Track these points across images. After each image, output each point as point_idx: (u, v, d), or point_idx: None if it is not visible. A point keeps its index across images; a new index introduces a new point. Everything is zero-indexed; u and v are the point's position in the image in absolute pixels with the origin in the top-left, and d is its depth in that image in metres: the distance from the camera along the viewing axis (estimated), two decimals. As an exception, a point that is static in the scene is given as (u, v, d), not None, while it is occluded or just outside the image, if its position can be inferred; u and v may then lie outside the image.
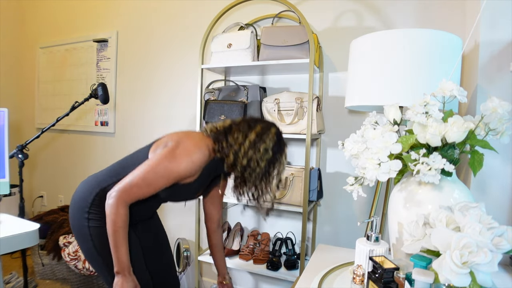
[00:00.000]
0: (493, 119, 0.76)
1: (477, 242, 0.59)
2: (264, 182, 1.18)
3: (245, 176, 1.16)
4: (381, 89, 1.10)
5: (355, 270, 0.82)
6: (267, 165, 1.16)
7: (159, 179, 1.05)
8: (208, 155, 1.13)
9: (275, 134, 1.19)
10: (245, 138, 1.15)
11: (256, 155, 1.14)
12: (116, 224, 1.02)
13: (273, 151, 1.17)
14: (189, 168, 1.09)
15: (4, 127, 1.36)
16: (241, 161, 1.14)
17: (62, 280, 2.31)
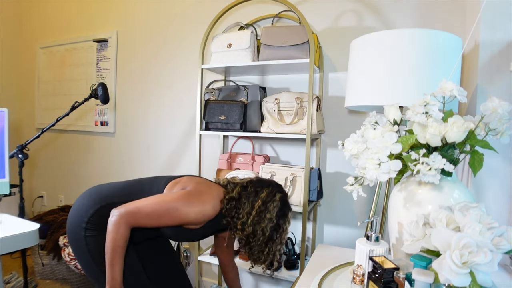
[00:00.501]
0: (493, 119, 0.76)
1: (477, 242, 0.59)
2: (268, 247, 1.22)
3: (249, 241, 1.22)
4: (381, 89, 1.10)
5: (355, 270, 0.82)
6: (271, 233, 1.20)
7: (166, 216, 1.08)
8: (217, 211, 1.19)
9: (279, 200, 1.23)
10: (252, 208, 1.20)
11: (262, 224, 1.19)
12: (116, 243, 1.04)
13: (277, 218, 1.21)
14: (198, 218, 1.13)
15: (4, 127, 1.36)
16: (247, 229, 1.19)
17: (62, 280, 2.31)
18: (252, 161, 1.89)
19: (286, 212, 1.24)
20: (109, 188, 1.23)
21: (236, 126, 1.77)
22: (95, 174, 2.72)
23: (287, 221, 1.25)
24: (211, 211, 1.16)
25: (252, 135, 1.79)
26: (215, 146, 2.17)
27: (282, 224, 1.22)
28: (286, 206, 1.25)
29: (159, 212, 1.07)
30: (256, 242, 1.20)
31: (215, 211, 1.18)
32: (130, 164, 2.55)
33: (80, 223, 1.16)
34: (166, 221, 1.09)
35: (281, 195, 1.25)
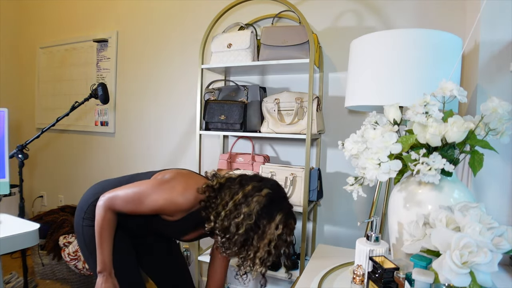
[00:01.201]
0: (493, 119, 0.76)
1: (477, 242, 0.59)
2: (245, 250, 1.06)
3: (225, 240, 1.07)
4: (381, 89, 1.10)
5: (355, 270, 0.82)
6: (247, 232, 1.02)
7: (138, 202, 1.09)
8: (192, 203, 1.10)
9: (265, 196, 1.04)
10: (231, 199, 1.06)
11: (236, 219, 1.03)
12: (99, 225, 1.09)
13: (257, 216, 1.02)
14: (168, 206, 1.08)
15: (4, 127, 1.36)
16: (221, 223, 1.05)
17: (62, 280, 2.31)
18: (252, 161, 1.89)
19: (273, 213, 1.03)
20: (110, 182, 1.26)
21: (236, 126, 1.77)
22: (95, 174, 2.72)
23: (273, 225, 1.02)
24: (182, 200, 1.08)
25: (252, 135, 1.79)
26: (215, 146, 2.17)
27: (264, 226, 1.02)
28: (275, 207, 1.05)
29: (132, 197, 1.08)
30: (231, 240, 1.05)
31: (188, 201, 1.08)
32: (130, 164, 2.55)
33: (80, 213, 1.21)
34: (141, 207, 1.08)
35: (269, 192, 1.06)
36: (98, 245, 1.10)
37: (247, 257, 1.05)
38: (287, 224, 1.05)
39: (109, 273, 1.11)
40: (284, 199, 1.11)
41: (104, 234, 1.10)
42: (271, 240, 1.02)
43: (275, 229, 1.02)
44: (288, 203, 1.12)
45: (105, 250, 1.11)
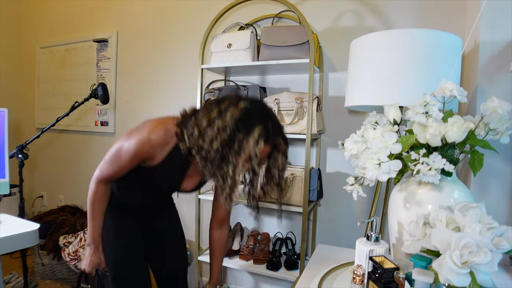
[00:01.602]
0: (493, 119, 0.76)
1: (477, 242, 0.59)
2: (224, 168, 0.97)
3: (203, 162, 0.99)
4: (381, 89, 1.10)
5: (355, 270, 0.82)
6: (222, 148, 0.95)
7: (118, 159, 1.04)
8: (166, 137, 1.03)
9: (242, 109, 0.95)
10: (205, 116, 0.98)
11: (211, 133, 0.95)
12: (90, 199, 1.11)
13: (233, 129, 0.94)
14: (141, 148, 1.01)
15: (4, 127, 1.36)
16: (196, 142, 0.98)
17: (62, 280, 2.31)
18: (252, 161, 1.89)
19: (251, 126, 0.94)
20: None
21: (236, 126, 1.77)
22: (95, 174, 2.72)
23: (251, 140, 0.93)
24: (154, 137, 1.01)
25: (252, 135, 1.79)
26: (215, 146, 2.17)
27: (240, 141, 0.93)
28: (254, 120, 0.95)
29: (112, 157, 1.06)
30: (208, 159, 0.97)
31: (160, 136, 1.02)
32: (130, 164, 2.54)
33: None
34: (122, 162, 1.04)
35: (246, 105, 0.96)
36: (89, 218, 1.12)
37: (226, 175, 0.96)
38: (271, 140, 0.98)
39: (96, 246, 1.14)
40: (267, 115, 1.00)
41: (95, 207, 1.12)
42: (250, 156, 0.94)
43: (255, 144, 0.93)
44: (275, 120, 1.02)
45: (95, 223, 1.13)
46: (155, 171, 1.08)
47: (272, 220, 2.03)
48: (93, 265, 1.14)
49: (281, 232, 1.95)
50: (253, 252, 1.89)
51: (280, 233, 1.95)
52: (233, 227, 2.05)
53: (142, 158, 1.04)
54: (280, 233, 1.95)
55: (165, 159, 1.06)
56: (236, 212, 2.13)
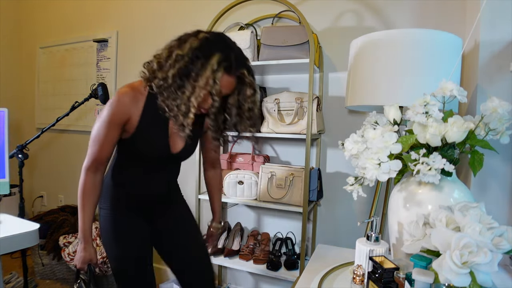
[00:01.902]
0: (493, 119, 0.76)
1: (477, 242, 0.59)
2: (180, 98, 0.97)
3: (160, 95, 1.00)
4: (381, 89, 1.10)
5: (355, 270, 0.82)
6: (179, 76, 0.95)
7: (98, 137, 1.05)
8: (136, 93, 1.04)
9: (201, 39, 0.96)
10: (165, 49, 1.00)
11: (169, 61, 0.96)
12: (80, 190, 1.08)
13: (190, 59, 0.94)
14: (113, 110, 1.02)
15: (4, 127, 1.36)
16: (156, 75, 0.99)
17: (62, 280, 2.31)
18: (252, 161, 1.89)
19: (210, 53, 0.94)
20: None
21: (236, 126, 1.77)
22: (95, 174, 2.72)
23: (209, 67, 0.93)
24: (120, 95, 1.02)
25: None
26: (215, 146, 2.17)
27: (199, 69, 0.93)
28: (213, 47, 0.95)
29: (93, 138, 1.07)
30: (165, 88, 0.98)
31: (126, 93, 1.02)
32: (130, 164, 2.55)
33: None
34: (102, 138, 1.05)
35: (206, 35, 0.97)
36: (79, 211, 1.09)
37: (181, 103, 0.96)
38: (234, 70, 0.98)
39: (85, 241, 1.10)
40: (228, 46, 1.00)
41: (84, 199, 1.08)
42: (208, 82, 0.94)
43: (212, 71, 0.93)
44: (239, 52, 1.03)
45: (86, 217, 1.09)
46: (138, 135, 1.07)
47: (272, 220, 2.03)
48: (84, 261, 1.10)
49: (281, 232, 1.96)
50: (253, 252, 1.89)
51: (280, 233, 1.95)
52: (233, 227, 2.05)
53: (118, 122, 1.04)
54: (280, 233, 1.95)
55: (141, 117, 1.05)
56: (236, 212, 2.13)
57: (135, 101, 1.04)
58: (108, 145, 1.07)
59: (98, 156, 1.08)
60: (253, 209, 2.07)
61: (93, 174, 1.10)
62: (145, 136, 1.08)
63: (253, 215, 2.09)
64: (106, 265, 2.06)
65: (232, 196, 1.81)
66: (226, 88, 1.02)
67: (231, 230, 2.05)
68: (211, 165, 1.40)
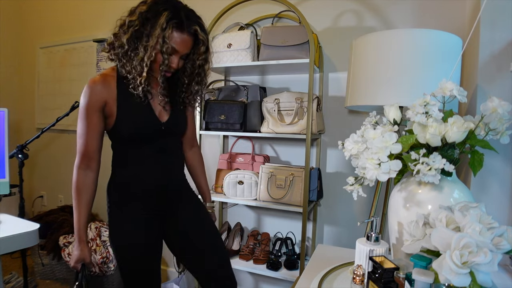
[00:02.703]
0: (493, 119, 0.76)
1: (477, 242, 0.59)
2: (134, 60, 1.02)
3: (118, 61, 1.07)
4: (381, 89, 1.10)
5: (355, 270, 0.82)
6: (132, 40, 1.02)
7: (80, 127, 1.07)
8: (105, 77, 1.10)
9: (149, 3, 1.01)
10: (119, 20, 1.07)
11: (122, 30, 1.04)
12: (73, 188, 1.09)
13: (141, 23, 1.00)
14: (87, 98, 1.07)
15: (4, 127, 1.36)
16: (113, 46, 1.07)
17: (62, 280, 2.32)
18: (252, 161, 1.89)
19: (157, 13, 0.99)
20: None
21: (236, 126, 1.77)
22: (95, 174, 2.72)
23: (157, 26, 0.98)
24: (91, 83, 1.09)
25: (252, 135, 1.79)
26: (215, 146, 2.17)
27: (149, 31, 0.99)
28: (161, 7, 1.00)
29: (78, 133, 1.08)
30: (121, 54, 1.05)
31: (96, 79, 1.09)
32: (130, 164, 2.54)
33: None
34: (85, 127, 1.07)
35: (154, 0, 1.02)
36: (74, 209, 1.09)
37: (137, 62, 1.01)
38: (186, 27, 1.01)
39: (79, 239, 1.09)
40: (175, 5, 1.03)
41: (78, 197, 1.08)
42: (158, 41, 0.98)
43: (162, 29, 0.98)
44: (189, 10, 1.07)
45: (80, 216, 1.08)
46: (122, 116, 1.08)
47: (272, 220, 2.03)
48: (77, 260, 1.09)
49: (281, 232, 1.96)
50: (253, 252, 1.89)
51: (280, 233, 1.95)
52: (233, 227, 2.05)
53: (95, 108, 1.06)
54: (280, 233, 1.95)
55: (118, 98, 1.08)
56: (236, 212, 2.13)
57: (106, 84, 1.08)
58: (92, 134, 1.08)
59: (85, 149, 1.08)
60: (253, 209, 2.07)
61: (83, 171, 1.10)
62: (129, 114, 1.09)
63: (253, 215, 2.09)
64: (106, 265, 2.07)
65: (232, 196, 1.81)
66: (180, 45, 1.04)
67: (231, 230, 2.05)
68: (190, 145, 1.36)
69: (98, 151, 1.12)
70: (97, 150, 1.12)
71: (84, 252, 1.09)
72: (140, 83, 1.03)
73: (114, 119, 1.08)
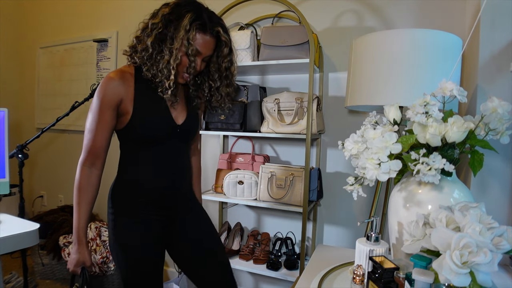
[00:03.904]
0: (493, 119, 0.76)
1: (477, 242, 0.59)
2: (160, 63, 1.01)
3: (143, 65, 1.05)
4: (381, 89, 1.10)
5: (355, 270, 0.82)
6: (156, 43, 1.00)
7: (91, 122, 1.04)
8: (123, 72, 1.06)
9: (171, 6, 1.01)
10: (141, 23, 1.06)
11: (146, 34, 1.02)
12: (75, 186, 1.05)
13: (164, 25, 0.99)
14: (102, 93, 1.02)
15: (4, 127, 1.36)
16: (136, 49, 1.05)
17: (62, 280, 2.32)
18: (252, 161, 1.89)
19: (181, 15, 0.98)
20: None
21: (236, 126, 1.77)
22: (95, 174, 2.72)
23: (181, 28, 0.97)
24: (107, 79, 1.03)
25: (252, 135, 1.79)
26: (215, 146, 2.17)
27: (172, 33, 0.99)
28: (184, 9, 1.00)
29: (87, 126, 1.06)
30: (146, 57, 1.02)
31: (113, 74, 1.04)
32: (130, 164, 2.54)
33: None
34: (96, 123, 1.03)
35: (175, 1, 1.02)
36: (74, 208, 1.04)
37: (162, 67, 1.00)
38: (209, 29, 1.01)
39: (80, 242, 1.04)
40: (198, 6, 1.03)
41: (80, 195, 1.04)
42: (183, 43, 0.98)
43: (186, 31, 0.97)
44: (210, 12, 1.05)
45: (81, 216, 1.03)
46: (137, 115, 1.05)
47: (272, 220, 2.03)
48: (77, 264, 1.04)
49: (281, 232, 1.96)
50: (253, 252, 1.89)
51: (280, 233, 1.95)
52: (233, 227, 2.05)
53: (110, 105, 1.03)
54: (280, 233, 1.95)
55: (135, 96, 1.06)
56: (236, 212, 2.13)
57: (123, 81, 1.05)
58: (102, 131, 1.04)
59: (93, 146, 1.05)
60: (253, 209, 2.07)
61: (88, 168, 1.06)
62: (145, 114, 1.07)
63: (253, 215, 2.09)
64: (106, 265, 2.07)
65: (232, 196, 1.81)
66: (203, 47, 1.04)
67: (231, 230, 2.05)
68: (193, 150, 1.35)
69: (105, 149, 1.09)
70: (105, 148, 1.09)
71: (84, 254, 1.04)
72: (169, 86, 1.02)
73: (129, 118, 1.06)
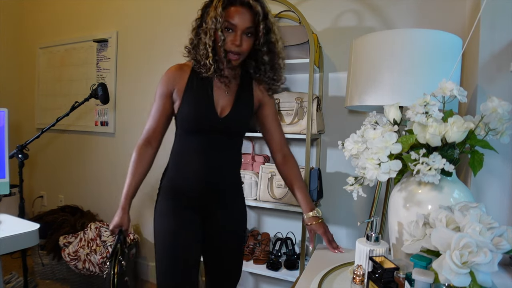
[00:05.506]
0: (493, 119, 0.76)
1: (477, 242, 0.59)
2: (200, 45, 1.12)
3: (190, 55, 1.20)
4: (381, 89, 1.10)
5: (355, 270, 0.82)
6: (197, 32, 1.14)
7: (154, 106, 1.18)
8: (181, 66, 1.21)
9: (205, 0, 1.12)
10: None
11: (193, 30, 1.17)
12: (131, 162, 1.17)
13: (201, 15, 1.12)
14: (163, 82, 1.18)
15: (4, 127, 1.36)
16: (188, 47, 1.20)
17: (62, 280, 2.32)
18: (252, 161, 1.89)
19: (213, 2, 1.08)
20: None
21: (236, 126, 1.77)
22: (95, 174, 2.72)
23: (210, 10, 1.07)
24: (168, 71, 1.20)
25: (252, 135, 1.79)
26: (215, 146, 2.17)
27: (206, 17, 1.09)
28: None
29: (151, 110, 1.18)
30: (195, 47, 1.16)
31: (173, 67, 1.21)
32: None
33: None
34: (156, 107, 1.17)
35: None
36: (127, 177, 1.16)
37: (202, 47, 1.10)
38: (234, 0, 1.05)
39: (122, 207, 1.15)
40: None
41: (135, 165, 1.16)
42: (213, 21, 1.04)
43: (215, 9, 1.05)
44: None
45: (131, 183, 1.15)
46: (185, 100, 1.14)
47: (272, 220, 2.03)
48: (115, 225, 1.15)
49: (281, 232, 1.95)
50: (253, 252, 1.89)
51: (280, 233, 1.95)
52: (233, 227, 2.05)
53: (167, 92, 1.16)
54: (280, 233, 1.95)
55: (187, 83, 1.16)
56: (236, 212, 2.13)
57: (180, 72, 1.19)
58: (158, 117, 1.17)
59: (152, 129, 1.17)
60: (253, 209, 2.07)
61: (145, 146, 1.18)
62: (190, 103, 1.15)
63: (253, 215, 2.09)
64: (106, 265, 2.06)
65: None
66: (235, 18, 1.06)
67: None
68: (280, 151, 1.26)
69: (161, 133, 1.20)
70: (161, 132, 1.19)
71: (124, 219, 1.15)
72: (210, 63, 1.09)
73: (179, 105, 1.16)
